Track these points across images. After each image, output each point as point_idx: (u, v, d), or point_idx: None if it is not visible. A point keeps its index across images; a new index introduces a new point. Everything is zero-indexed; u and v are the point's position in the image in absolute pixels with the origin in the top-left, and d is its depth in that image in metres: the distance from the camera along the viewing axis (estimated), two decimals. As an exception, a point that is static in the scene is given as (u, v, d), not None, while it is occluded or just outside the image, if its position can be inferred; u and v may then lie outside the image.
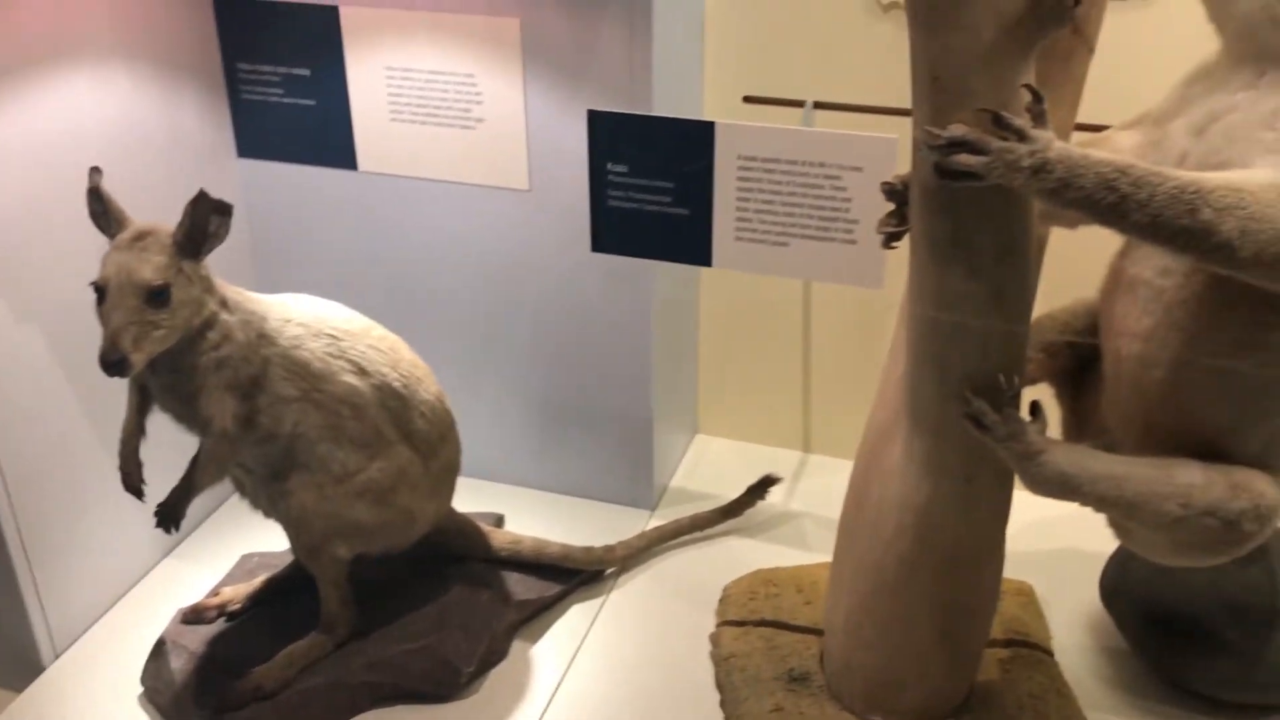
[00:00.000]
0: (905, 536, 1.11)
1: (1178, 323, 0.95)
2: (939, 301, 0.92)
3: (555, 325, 1.56)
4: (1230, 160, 0.88)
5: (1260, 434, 0.95)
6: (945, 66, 0.83)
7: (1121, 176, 0.82)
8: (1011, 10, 0.80)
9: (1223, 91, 0.90)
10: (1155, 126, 0.96)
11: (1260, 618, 1.25)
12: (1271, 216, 0.82)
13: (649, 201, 1.25)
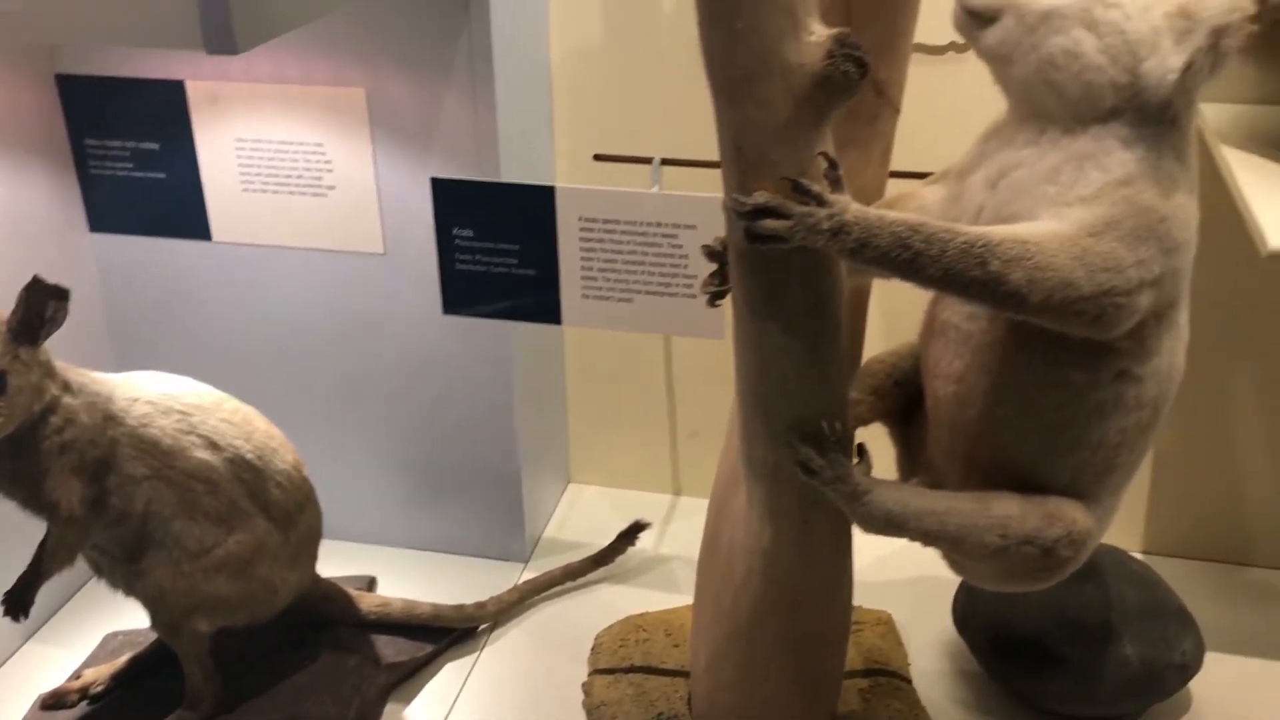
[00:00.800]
0: (754, 580, 1.15)
1: (986, 365, 1.00)
2: (760, 355, 0.97)
3: (417, 384, 1.58)
4: (1019, 212, 0.94)
5: (1069, 466, 1.01)
6: (746, 137, 0.87)
7: (914, 235, 0.87)
8: (803, 85, 0.85)
9: (1011, 148, 0.96)
10: (957, 180, 1.03)
11: (1096, 635, 1.32)
12: (1055, 265, 0.88)
13: (496, 264, 1.28)
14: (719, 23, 0.84)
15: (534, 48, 1.52)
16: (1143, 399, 0.99)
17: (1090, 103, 0.90)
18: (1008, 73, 0.94)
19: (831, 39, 0.84)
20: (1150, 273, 0.90)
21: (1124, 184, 0.90)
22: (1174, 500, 1.64)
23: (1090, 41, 0.89)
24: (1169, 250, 0.91)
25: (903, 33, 1.04)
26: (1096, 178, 0.91)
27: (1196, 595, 1.45)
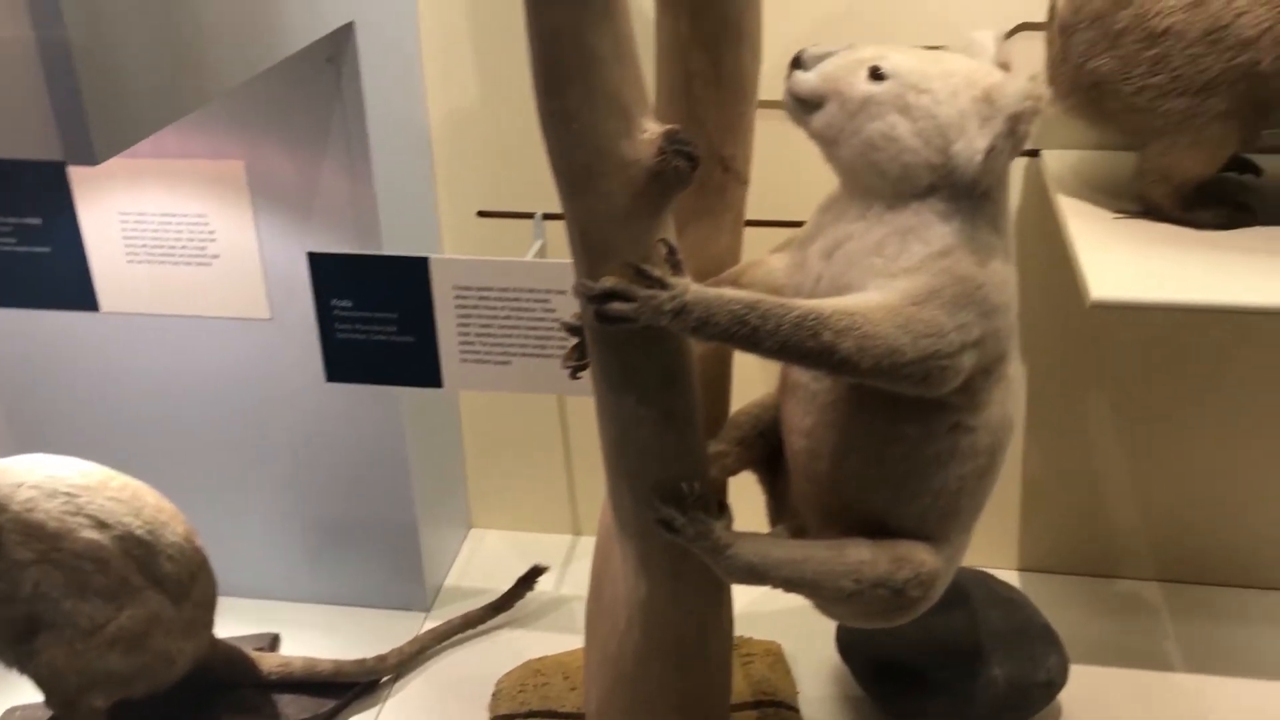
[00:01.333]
0: (634, 629, 1.20)
1: (832, 421, 1.07)
2: (619, 424, 1.02)
3: (309, 441, 1.61)
4: (852, 283, 1.00)
5: (915, 512, 1.08)
6: (590, 227, 0.93)
7: (751, 312, 0.93)
8: (640, 179, 0.91)
9: (843, 221, 1.03)
10: (800, 249, 1.09)
11: (965, 658, 1.40)
12: (882, 333, 0.95)
13: (376, 332, 1.32)
14: (557, 123, 0.90)
15: (411, 110, 1.57)
16: (978, 448, 1.06)
17: (909, 181, 0.97)
18: (835, 153, 1.01)
19: (663, 136, 0.90)
20: (971, 335, 0.97)
21: (943, 255, 0.97)
22: (1043, 520, 1.73)
23: (905, 126, 0.96)
24: (987, 314, 0.98)
25: (743, 112, 1.10)
26: (918, 250, 0.97)
27: (1067, 609, 1.54)
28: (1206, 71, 1.13)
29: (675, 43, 1.05)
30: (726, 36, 1.05)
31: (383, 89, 1.44)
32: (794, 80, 1.01)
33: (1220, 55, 1.12)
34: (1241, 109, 1.15)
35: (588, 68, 0.87)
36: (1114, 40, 1.17)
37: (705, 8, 1.03)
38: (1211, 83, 1.13)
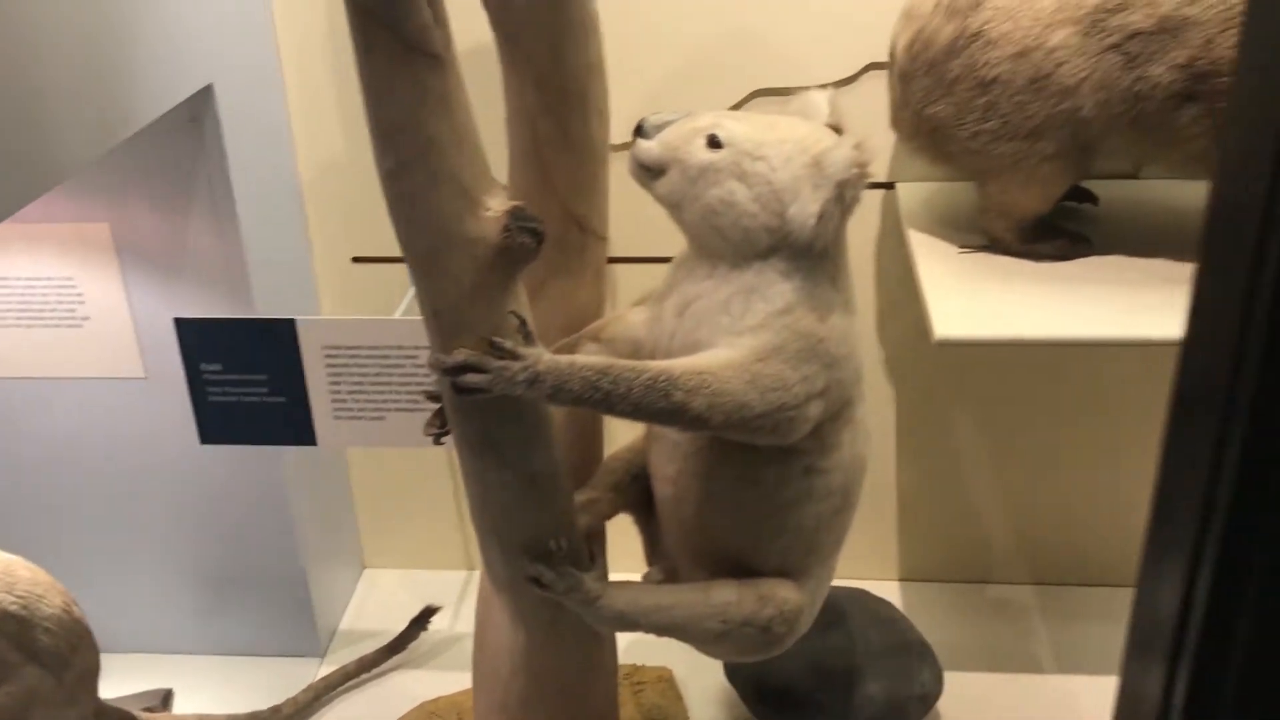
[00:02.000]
0: (518, 676, 1.23)
1: (694, 469, 1.11)
2: (482, 487, 1.05)
3: (191, 494, 1.61)
4: (702, 340, 1.04)
5: (776, 550, 1.13)
6: (441, 303, 0.95)
7: (603, 377, 0.97)
8: (487, 255, 0.93)
9: (692, 280, 1.07)
10: (657, 303, 1.13)
11: (843, 677, 1.45)
12: (730, 390, 0.99)
13: (248, 393, 1.33)
14: (402, 206, 0.92)
15: (279, 162, 1.57)
16: (831, 487, 1.11)
17: (749, 243, 1.02)
18: (679, 216, 1.05)
19: (507, 214, 0.93)
20: (815, 386, 1.02)
21: (785, 312, 1.01)
22: (919, 532, 1.80)
23: (743, 191, 1.00)
24: (830, 365, 1.03)
25: (595, 173, 1.13)
26: (761, 308, 1.02)
27: (944, 617, 1.59)
28: (1033, 118, 1.19)
29: (523, 111, 1.08)
30: (572, 104, 1.08)
31: (248, 144, 1.45)
32: (637, 149, 1.04)
33: (1045, 102, 1.18)
34: (1069, 151, 1.21)
35: (428, 154, 0.89)
36: (948, 88, 1.22)
37: (550, 78, 1.06)
38: (1038, 128, 1.19)
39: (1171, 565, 0.48)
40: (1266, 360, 0.37)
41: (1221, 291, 0.41)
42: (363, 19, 0.84)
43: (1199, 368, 0.44)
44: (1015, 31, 1.16)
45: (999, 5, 1.17)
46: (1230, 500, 0.41)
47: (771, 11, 1.47)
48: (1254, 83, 0.37)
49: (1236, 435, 0.39)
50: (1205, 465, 0.42)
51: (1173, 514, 0.48)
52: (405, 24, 0.83)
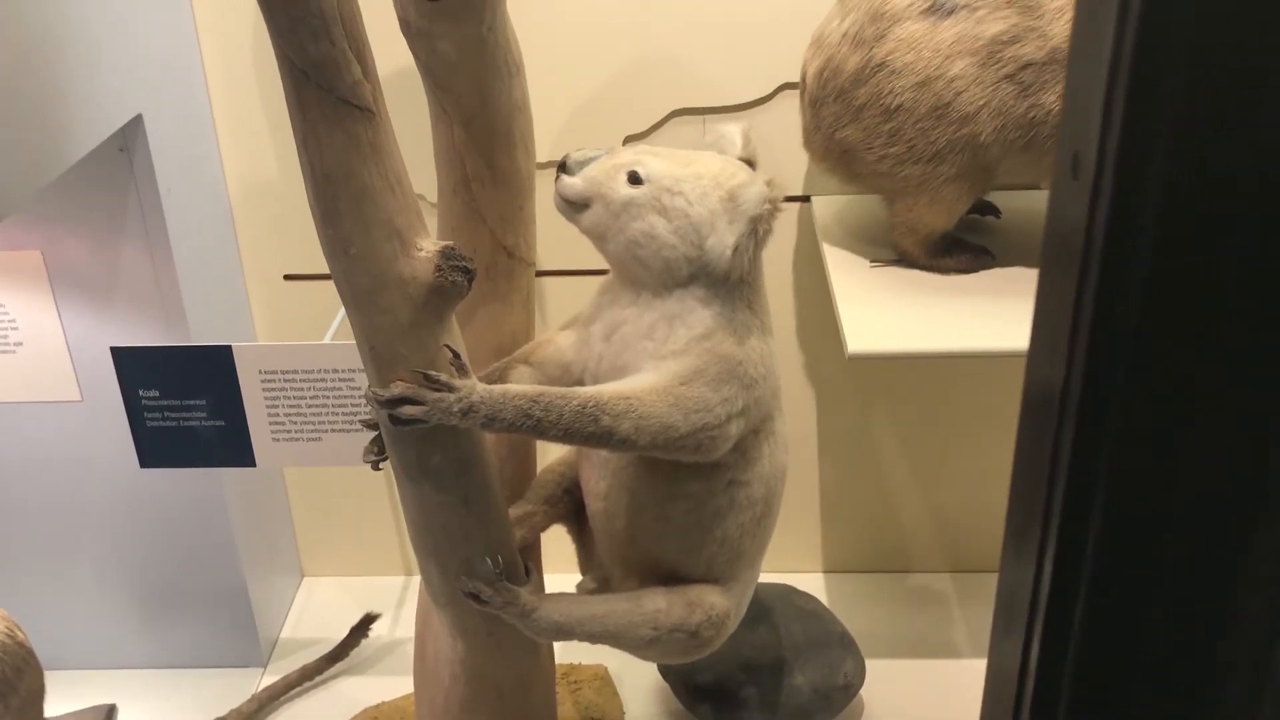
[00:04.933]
0: (458, 684, 1.28)
1: (624, 484, 1.16)
2: (419, 510, 1.09)
3: (130, 511, 1.63)
4: (628, 363, 1.10)
5: (703, 559, 1.19)
6: (377, 340, 1.00)
7: (534, 405, 1.02)
8: (420, 293, 0.98)
9: (618, 306, 1.12)
10: (584, 327, 1.18)
11: (770, 670, 1.52)
12: (655, 412, 1.05)
13: (186, 419, 1.36)
14: (336, 250, 0.96)
15: (209, 185, 1.59)
16: (754, 498, 1.17)
17: (671, 273, 1.07)
18: (604, 248, 1.10)
19: (438, 254, 0.97)
20: (735, 406, 1.08)
21: (706, 337, 1.07)
22: (842, 526, 1.88)
23: (663, 224, 1.06)
24: (749, 385, 1.09)
25: (522, 205, 1.18)
26: (683, 334, 1.08)
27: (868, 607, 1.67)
28: (936, 142, 1.26)
29: (452, 150, 1.13)
30: (499, 142, 1.12)
31: (178, 170, 1.47)
32: (561, 184, 1.09)
33: (946, 128, 1.25)
34: (970, 172, 1.28)
35: (361, 200, 0.93)
36: (856, 114, 1.29)
37: (477, 118, 1.11)
38: (941, 152, 1.26)
39: (1025, 553, 0.52)
40: (1089, 369, 0.41)
41: (1054, 304, 0.45)
42: (296, 79, 0.87)
43: (1039, 374, 0.49)
44: (917, 62, 1.23)
45: (902, 37, 1.24)
46: (1064, 494, 0.46)
47: (688, 36, 1.53)
48: (1069, 109, 0.41)
49: (1067, 437, 0.44)
50: (1046, 463, 0.47)
51: (1024, 505, 0.52)
52: (337, 82, 0.87)
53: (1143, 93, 0.30)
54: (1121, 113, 0.30)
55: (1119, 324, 0.36)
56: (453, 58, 1.06)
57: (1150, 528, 0.41)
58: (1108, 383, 0.38)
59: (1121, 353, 0.37)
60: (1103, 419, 0.39)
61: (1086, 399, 0.38)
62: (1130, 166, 0.31)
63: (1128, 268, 0.34)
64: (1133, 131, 0.31)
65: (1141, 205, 0.32)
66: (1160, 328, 0.36)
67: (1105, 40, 0.31)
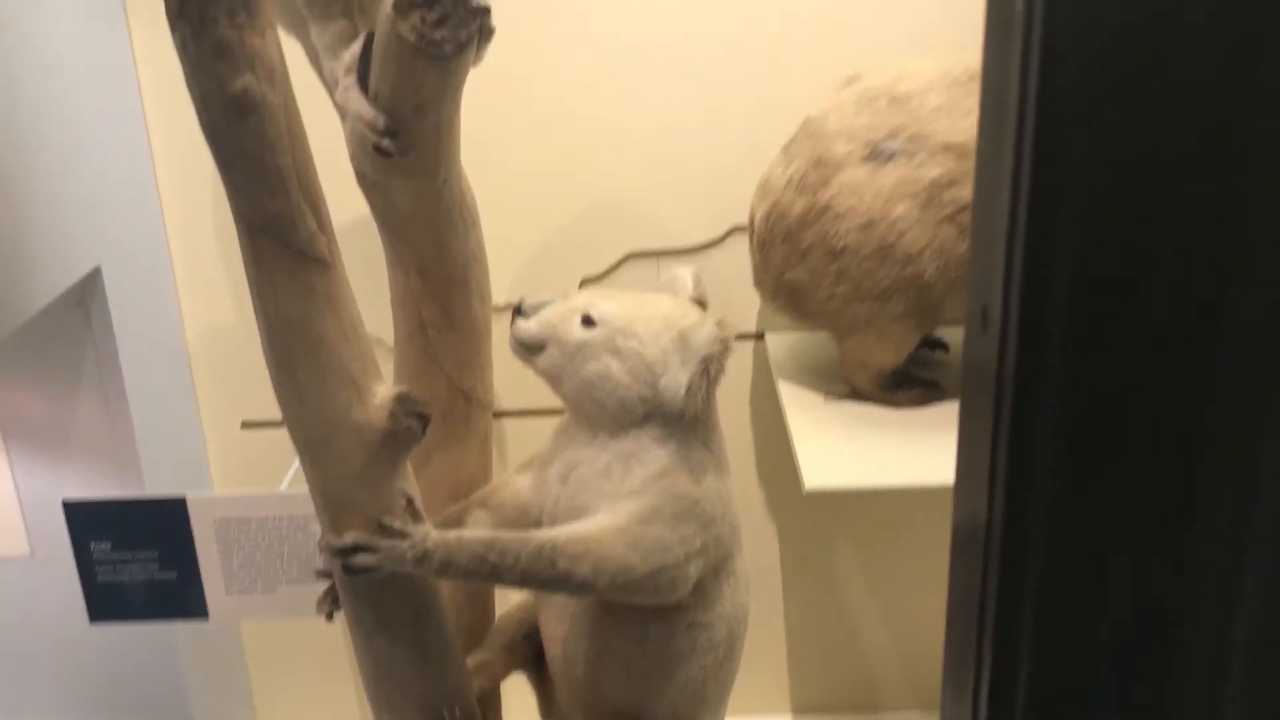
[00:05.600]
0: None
1: (583, 630, 1.15)
2: (374, 661, 1.07)
3: (80, 669, 1.58)
4: (585, 505, 1.10)
5: (666, 702, 1.17)
6: (331, 487, 0.99)
7: (490, 550, 1.01)
8: (374, 440, 0.98)
9: (574, 447, 1.13)
10: (541, 469, 1.18)
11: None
12: (613, 554, 1.04)
13: (138, 571, 1.33)
14: (291, 398, 0.96)
15: (167, 334, 1.60)
16: (715, 640, 1.16)
17: (626, 413, 1.08)
18: (560, 389, 1.11)
19: (393, 400, 0.98)
20: (694, 546, 1.08)
21: (662, 476, 1.08)
22: (809, 664, 1.86)
23: (617, 365, 1.07)
24: (706, 524, 1.09)
25: (479, 348, 1.20)
26: (639, 473, 1.08)
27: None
28: (881, 282, 1.29)
29: (408, 297, 1.14)
30: (455, 289, 1.14)
31: (135, 321, 1.47)
32: (516, 328, 1.11)
33: (891, 268, 1.28)
34: (916, 310, 1.31)
35: (316, 349, 0.94)
36: (803, 256, 1.33)
37: (433, 267, 1.13)
38: (886, 291, 1.29)
39: (961, 691, 0.52)
40: (1009, 506, 0.42)
41: (974, 445, 0.47)
42: (251, 232, 0.89)
43: (964, 511, 0.49)
44: (860, 206, 1.27)
45: (845, 182, 1.28)
46: (994, 631, 0.46)
47: (640, 181, 1.57)
48: (976, 266, 0.43)
49: (993, 573, 0.44)
50: (975, 599, 0.47)
51: (958, 641, 0.52)
52: (292, 235, 0.89)
53: (1039, 254, 0.32)
54: (1021, 271, 0.33)
55: (1034, 462, 0.38)
56: (408, 209, 1.08)
57: (1079, 663, 0.41)
58: (1028, 518, 0.39)
59: (1039, 488, 0.38)
60: (1025, 554, 0.40)
61: (1009, 535, 0.39)
62: (1032, 319, 0.33)
63: (1037, 411, 0.36)
64: (1032, 288, 0.33)
65: (1045, 353, 0.34)
66: (1073, 464, 0.37)
67: (1003, 206, 0.33)
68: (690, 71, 1.52)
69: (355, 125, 1.01)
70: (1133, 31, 0.32)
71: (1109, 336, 0.35)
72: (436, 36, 0.94)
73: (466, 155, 1.15)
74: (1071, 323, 0.35)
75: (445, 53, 0.94)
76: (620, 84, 1.53)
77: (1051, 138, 0.31)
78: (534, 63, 1.52)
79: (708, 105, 1.54)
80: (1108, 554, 0.39)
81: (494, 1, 1.06)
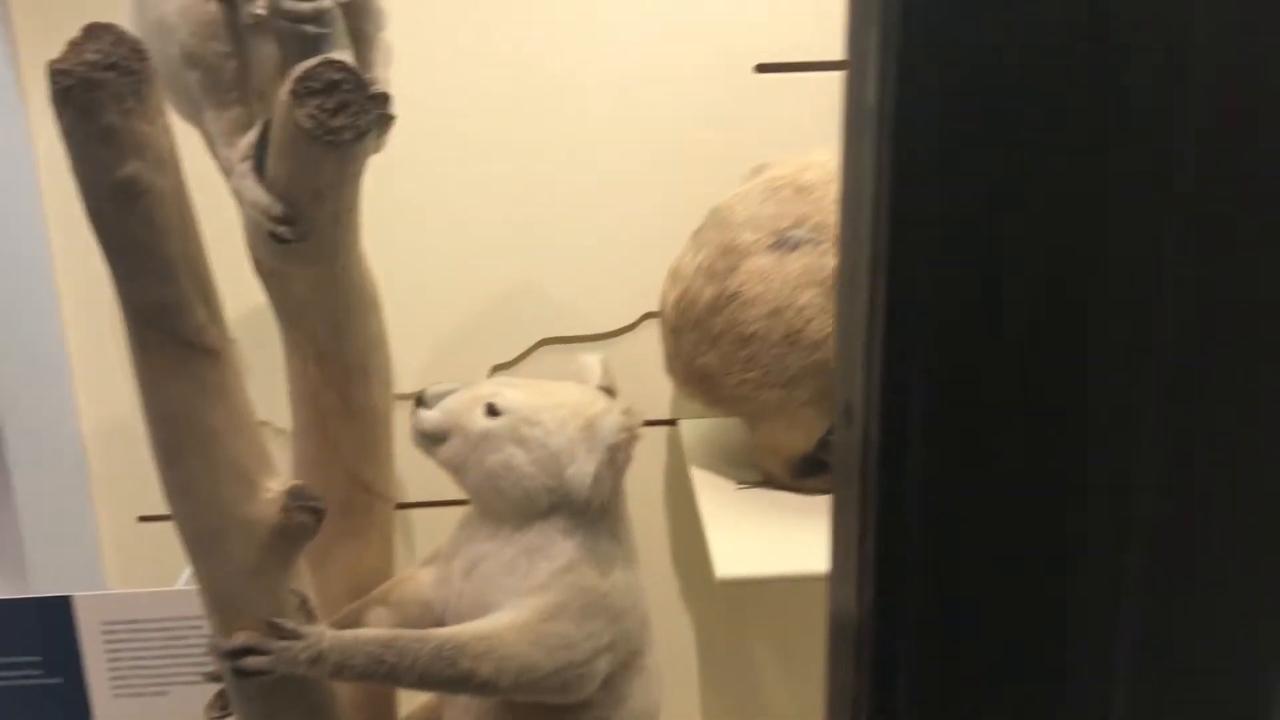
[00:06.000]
0: None
1: (491, 730, 1.11)
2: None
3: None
4: (490, 601, 1.07)
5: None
6: (219, 585, 0.95)
7: (388, 650, 0.97)
8: (265, 536, 0.94)
9: (477, 540, 1.10)
10: (445, 563, 1.15)
11: None
12: (517, 652, 1.01)
13: (19, 677, 1.26)
14: (178, 493, 0.93)
15: (61, 429, 1.54)
16: (625, 738, 1.12)
17: (530, 504, 1.06)
18: (462, 480, 1.09)
19: (286, 494, 0.95)
20: (601, 642, 1.05)
21: (568, 570, 1.05)
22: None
23: (521, 456, 1.05)
24: (614, 619, 1.07)
25: (380, 438, 1.17)
26: (544, 567, 1.05)
27: None
28: (790, 368, 1.29)
29: (306, 385, 1.12)
30: (354, 377, 1.12)
31: (27, 417, 1.42)
32: (418, 418, 1.08)
33: (799, 354, 1.28)
34: (825, 396, 1.31)
35: (205, 443, 0.91)
36: (713, 342, 1.32)
37: (331, 354, 1.10)
38: (795, 377, 1.29)
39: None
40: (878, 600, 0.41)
41: (844, 537, 0.46)
42: (138, 322, 0.86)
43: (838, 603, 0.48)
44: (768, 293, 1.28)
45: (752, 269, 1.28)
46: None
47: (551, 266, 1.56)
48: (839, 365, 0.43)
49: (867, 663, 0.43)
50: (849, 693, 0.46)
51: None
52: (181, 326, 0.86)
53: (896, 350, 0.32)
54: (880, 368, 0.32)
55: (902, 555, 0.37)
56: (305, 296, 1.06)
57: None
58: (896, 610, 0.38)
59: (908, 580, 0.37)
60: (895, 645, 0.39)
61: (878, 627, 0.39)
62: (892, 415, 0.33)
63: (902, 503, 0.36)
64: (891, 386, 0.33)
65: (906, 447, 0.34)
66: (940, 555, 0.37)
67: (861, 303, 0.33)
68: (603, 158, 1.53)
69: (251, 213, 0.99)
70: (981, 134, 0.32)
71: (969, 429, 0.35)
72: (335, 124, 0.92)
73: (374, 239, 1.13)
74: (930, 417, 0.35)
75: (344, 140, 0.93)
76: (533, 170, 1.53)
77: (904, 237, 0.32)
78: (445, 147, 1.51)
79: (622, 190, 1.54)
80: (979, 643, 0.39)
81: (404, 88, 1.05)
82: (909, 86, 0.32)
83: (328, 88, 0.92)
